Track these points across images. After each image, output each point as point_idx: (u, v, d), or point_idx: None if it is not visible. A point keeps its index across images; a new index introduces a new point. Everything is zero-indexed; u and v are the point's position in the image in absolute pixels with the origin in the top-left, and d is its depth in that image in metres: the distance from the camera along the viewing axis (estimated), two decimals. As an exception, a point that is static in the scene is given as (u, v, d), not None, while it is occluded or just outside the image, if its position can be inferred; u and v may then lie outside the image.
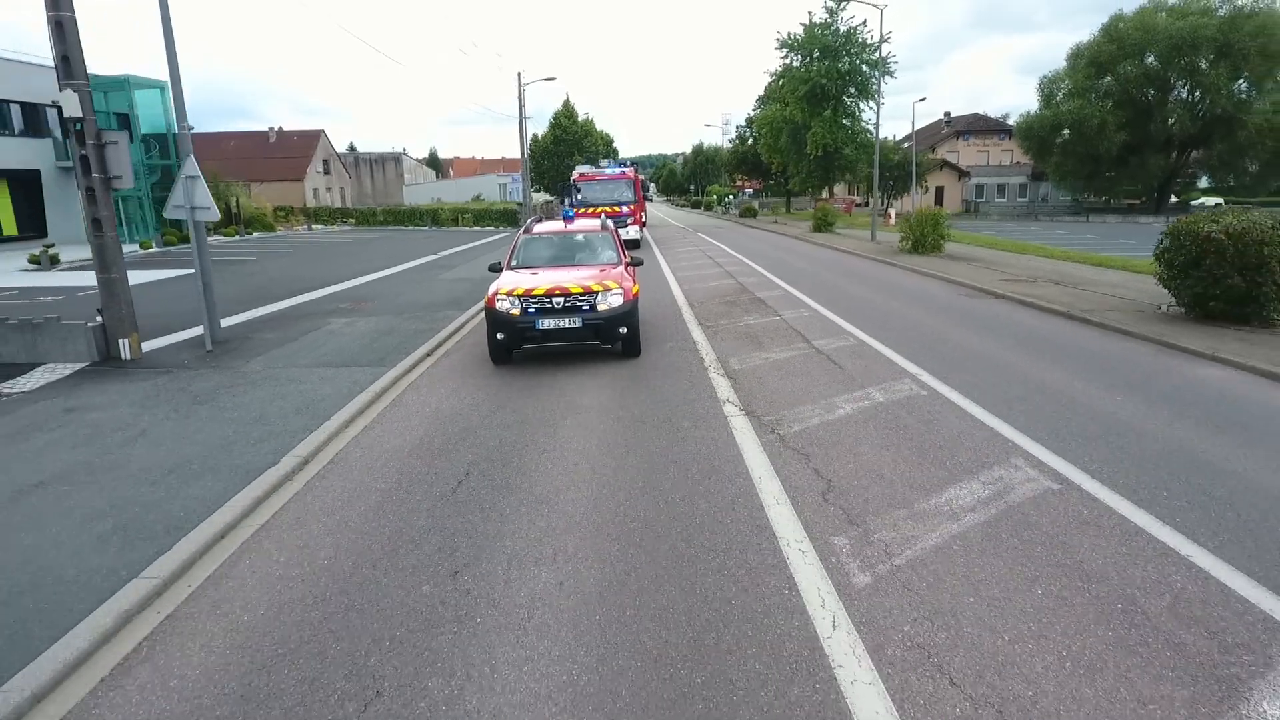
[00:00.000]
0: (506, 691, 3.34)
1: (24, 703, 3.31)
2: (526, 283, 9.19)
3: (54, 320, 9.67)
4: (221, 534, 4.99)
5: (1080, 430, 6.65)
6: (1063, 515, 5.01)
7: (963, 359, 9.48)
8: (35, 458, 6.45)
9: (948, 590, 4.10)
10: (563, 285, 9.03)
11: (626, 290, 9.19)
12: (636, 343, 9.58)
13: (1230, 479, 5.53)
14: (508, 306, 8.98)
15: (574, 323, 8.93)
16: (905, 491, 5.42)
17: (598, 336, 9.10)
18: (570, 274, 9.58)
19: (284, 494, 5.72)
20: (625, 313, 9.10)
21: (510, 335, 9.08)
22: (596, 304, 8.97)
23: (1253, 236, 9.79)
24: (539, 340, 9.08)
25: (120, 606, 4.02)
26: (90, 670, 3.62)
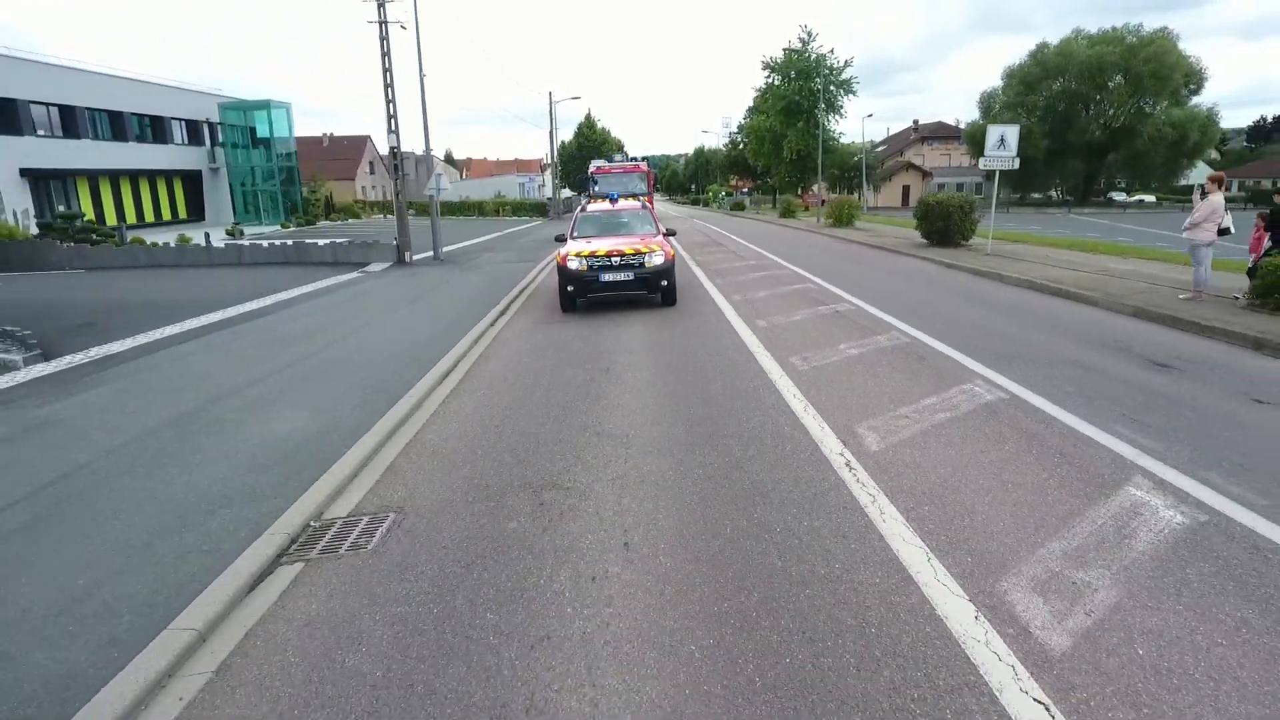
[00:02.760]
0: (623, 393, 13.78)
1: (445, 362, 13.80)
2: (590, 247, 11.67)
3: (379, 243, 20.27)
4: (503, 311, 15.46)
5: (896, 299, 17.05)
6: (880, 336, 15.42)
7: (826, 267, 19.91)
8: (407, 287, 16.96)
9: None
10: (619, 249, 11.51)
11: (666, 252, 11.73)
12: (674, 293, 12.05)
13: (953, 317, 15.96)
14: (576, 265, 11.51)
15: (628, 276, 11.44)
16: (783, 310, 15.85)
17: (645, 287, 11.63)
18: (622, 240, 12.05)
19: (520, 299, 16.19)
20: (666, 269, 11.61)
21: (579, 286, 11.66)
22: (645, 262, 11.43)
23: (945, 203, 20.27)
24: (600, 290, 11.66)
25: (482, 328, 14.52)
26: (462, 364, 14.09)
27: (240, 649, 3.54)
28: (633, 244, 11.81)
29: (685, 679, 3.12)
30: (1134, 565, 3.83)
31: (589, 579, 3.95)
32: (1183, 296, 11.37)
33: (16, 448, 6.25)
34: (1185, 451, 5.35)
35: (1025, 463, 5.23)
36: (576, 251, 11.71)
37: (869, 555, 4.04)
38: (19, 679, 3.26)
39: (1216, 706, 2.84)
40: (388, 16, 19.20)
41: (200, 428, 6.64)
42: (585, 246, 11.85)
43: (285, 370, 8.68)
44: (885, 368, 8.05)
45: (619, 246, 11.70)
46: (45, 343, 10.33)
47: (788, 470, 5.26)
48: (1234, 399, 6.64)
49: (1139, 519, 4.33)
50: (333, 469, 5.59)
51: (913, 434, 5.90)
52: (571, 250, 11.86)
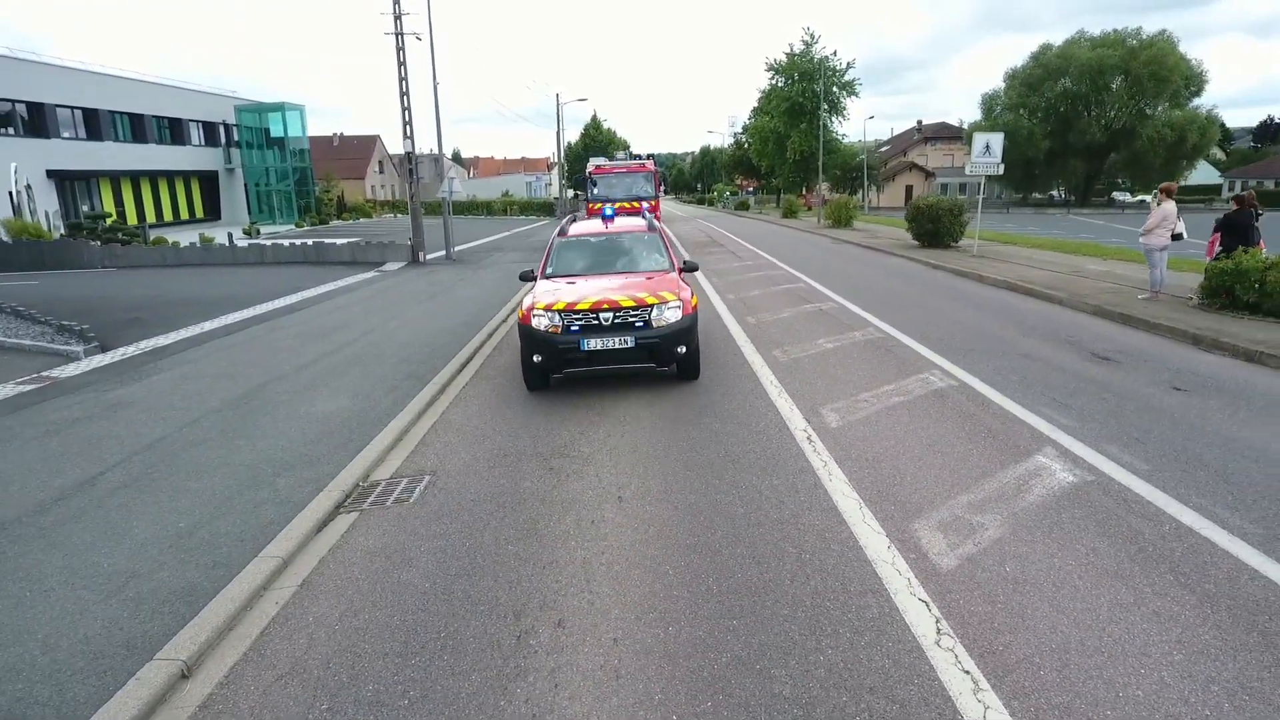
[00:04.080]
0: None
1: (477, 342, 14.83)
2: (567, 295, 7.71)
3: (394, 243, 21.33)
4: (514, 308, 16.49)
5: (879, 297, 18.01)
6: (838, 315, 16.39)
7: (819, 267, 20.86)
8: (423, 285, 18.00)
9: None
10: (610, 298, 7.55)
11: (685, 302, 7.73)
12: (696, 363, 8.14)
13: (936, 312, 16.90)
14: (546, 323, 7.49)
15: (625, 342, 7.42)
16: (772, 308, 16.82)
17: (652, 358, 7.61)
18: (617, 283, 8.14)
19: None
20: (684, 329, 7.60)
21: (550, 356, 7.56)
22: (651, 319, 7.50)
23: (934, 206, 21.18)
24: (583, 363, 7.55)
25: (495, 323, 15.56)
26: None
27: (317, 570, 4.55)
28: (633, 289, 7.84)
29: (660, 588, 4.12)
30: (1022, 512, 4.81)
31: (589, 522, 4.95)
32: (1141, 297, 12.29)
33: (102, 424, 7.29)
34: (1095, 428, 6.32)
35: (957, 437, 6.21)
36: (547, 303, 7.59)
37: (814, 504, 5.03)
38: (155, 589, 4.28)
39: (1054, 604, 3.81)
40: (404, 29, 20.22)
41: (256, 407, 7.68)
42: (561, 293, 7.81)
43: (322, 360, 9.72)
44: (856, 359, 9.03)
45: (612, 294, 7.65)
46: (99, 336, 11.38)
47: (757, 442, 6.25)
48: (1156, 386, 7.60)
49: (1037, 479, 5.31)
50: (374, 441, 6.62)
51: (868, 414, 6.89)
52: (540, 299, 7.73)
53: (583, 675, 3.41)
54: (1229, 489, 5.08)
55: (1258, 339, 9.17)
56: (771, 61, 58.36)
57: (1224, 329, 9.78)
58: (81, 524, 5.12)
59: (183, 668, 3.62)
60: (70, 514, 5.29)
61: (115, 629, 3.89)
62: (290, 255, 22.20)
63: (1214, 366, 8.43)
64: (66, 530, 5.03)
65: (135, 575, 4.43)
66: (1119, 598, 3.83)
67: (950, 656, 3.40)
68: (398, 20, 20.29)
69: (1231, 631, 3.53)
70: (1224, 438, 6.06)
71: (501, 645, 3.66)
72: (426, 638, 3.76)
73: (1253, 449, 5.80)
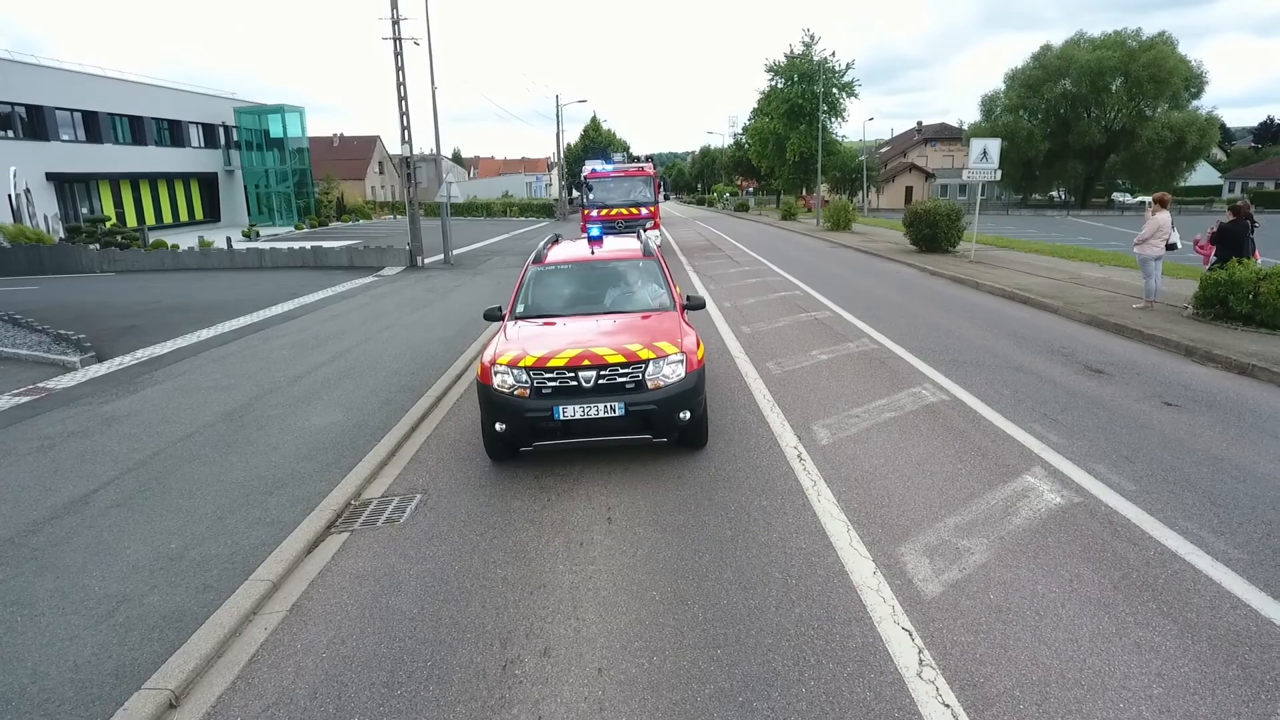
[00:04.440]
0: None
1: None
2: (539, 345, 6.09)
3: (392, 248, 21.35)
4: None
5: (874, 306, 18.02)
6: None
7: (815, 273, 20.86)
8: (420, 291, 18.03)
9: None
10: (594, 351, 5.89)
11: (689, 353, 6.08)
12: (703, 430, 6.53)
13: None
14: (511, 383, 5.87)
15: (612, 409, 5.77)
16: (767, 317, 16.84)
17: (647, 428, 5.92)
18: (603, 327, 6.48)
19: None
20: (687, 390, 5.93)
21: (516, 426, 5.90)
22: (645, 378, 5.85)
23: (932, 211, 21.19)
24: (559, 435, 5.88)
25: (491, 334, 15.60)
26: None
27: (306, 594, 4.58)
28: (624, 336, 6.23)
29: (647, 614, 4.14)
30: (1008, 535, 4.83)
31: (578, 544, 4.98)
32: (1136, 306, 12.31)
33: (96, 439, 7.32)
34: (1085, 446, 6.34)
35: (946, 455, 6.23)
36: (513, 356, 5.99)
37: (802, 527, 5.06)
38: (145, 613, 4.30)
39: (1037, 634, 3.84)
40: (402, 34, 20.23)
41: (250, 422, 7.70)
42: (531, 342, 6.21)
43: (316, 371, 9.74)
44: (849, 372, 9.05)
45: (597, 345, 6.03)
46: (95, 345, 11.40)
47: (748, 460, 6.28)
48: (1147, 401, 7.62)
49: (1025, 500, 5.33)
50: (366, 458, 6.64)
51: (859, 430, 6.91)
52: (505, 351, 6.12)
53: (566, 707, 3.43)
54: (1215, 511, 5.10)
55: (1250, 351, 9.19)
56: (771, 63, 58.49)
57: (1217, 340, 9.80)
58: (73, 545, 5.15)
59: (170, 697, 3.64)
60: (62, 534, 5.31)
61: (105, 656, 3.92)
62: (288, 260, 22.22)
63: (1206, 379, 8.45)
64: (58, 551, 5.06)
65: (126, 599, 4.46)
66: (1101, 627, 3.85)
67: (931, 689, 3.43)
68: (395, 25, 20.31)
69: (1211, 664, 3.55)
70: (1212, 457, 6.08)
71: (487, 675, 3.69)
72: (414, 666, 3.79)
73: (1240, 469, 5.82)
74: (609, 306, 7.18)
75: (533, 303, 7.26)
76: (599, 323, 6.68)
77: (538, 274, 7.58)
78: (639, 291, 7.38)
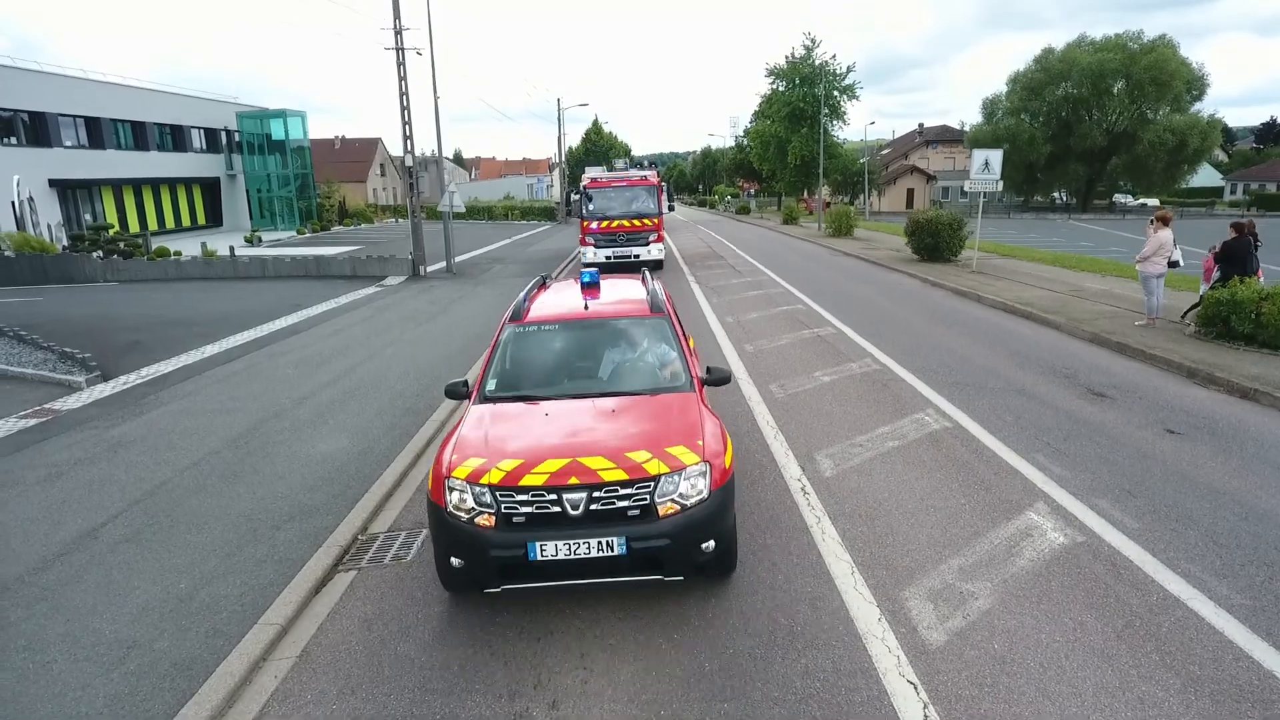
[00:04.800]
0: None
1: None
2: (511, 445, 4.59)
3: (395, 257, 21.39)
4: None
5: (876, 322, 18.05)
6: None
7: (818, 285, 20.87)
8: (423, 303, 18.07)
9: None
10: (584, 464, 4.31)
11: (714, 460, 4.49)
12: (731, 555, 4.85)
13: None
14: (471, 505, 4.34)
15: (609, 547, 4.24)
16: (770, 334, 16.87)
17: (658, 567, 4.38)
18: (598, 419, 4.85)
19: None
20: (713, 513, 4.41)
21: (477, 563, 4.35)
22: (655, 502, 4.33)
23: (934, 221, 21.22)
24: (534, 578, 4.35)
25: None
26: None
27: (315, 639, 4.61)
28: (623, 435, 4.71)
29: (653, 664, 4.18)
30: (1012, 579, 4.86)
31: (584, 589, 5.00)
32: (1138, 323, 12.32)
33: (103, 466, 7.35)
34: (1087, 479, 6.37)
35: (950, 489, 6.26)
36: (475, 467, 4.47)
37: (806, 568, 5.09)
38: (155, 660, 4.34)
39: (1040, 687, 3.87)
40: (404, 44, 20.26)
41: (255, 448, 7.74)
42: (499, 444, 4.69)
43: (321, 392, 9.78)
44: (852, 395, 9.08)
45: (588, 450, 4.50)
46: (101, 363, 11.44)
47: (753, 494, 6.31)
48: (1149, 428, 7.65)
49: (1028, 540, 5.36)
50: (372, 489, 6.68)
51: (863, 461, 6.94)
52: (465, 455, 4.59)
53: (575, 766, 3.47)
54: (1217, 552, 5.13)
55: (1252, 374, 9.22)
56: (772, 66, 58.55)
57: (1219, 362, 9.83)
58: (83, 584, 5.19)
59: (182, 753, 3.68)
60: (72, 572, 5.35)
61: (117, 707, 3.95)
62: (291, 269, 22.27)
63: (1207, 404, 8.48)
64: (68, 591, 5.10)
65: (136, 645, 4.49)
66: (1104, 681, 3.88)
67: (936, 748, 3.46)
68: (398, 35, 20.34)
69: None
70: (1214, 490, 6.11)
71: (496, 729, 3.72)
72: (424, 718, 3.82)
73: (1241, 504, 5.85)
74: (606, 384, 5.47)
75: (507, 377, 5.59)
76: (594, 409, 5.00)
77: (515, 336, 5.86)
78: (645, 361, 5.70)
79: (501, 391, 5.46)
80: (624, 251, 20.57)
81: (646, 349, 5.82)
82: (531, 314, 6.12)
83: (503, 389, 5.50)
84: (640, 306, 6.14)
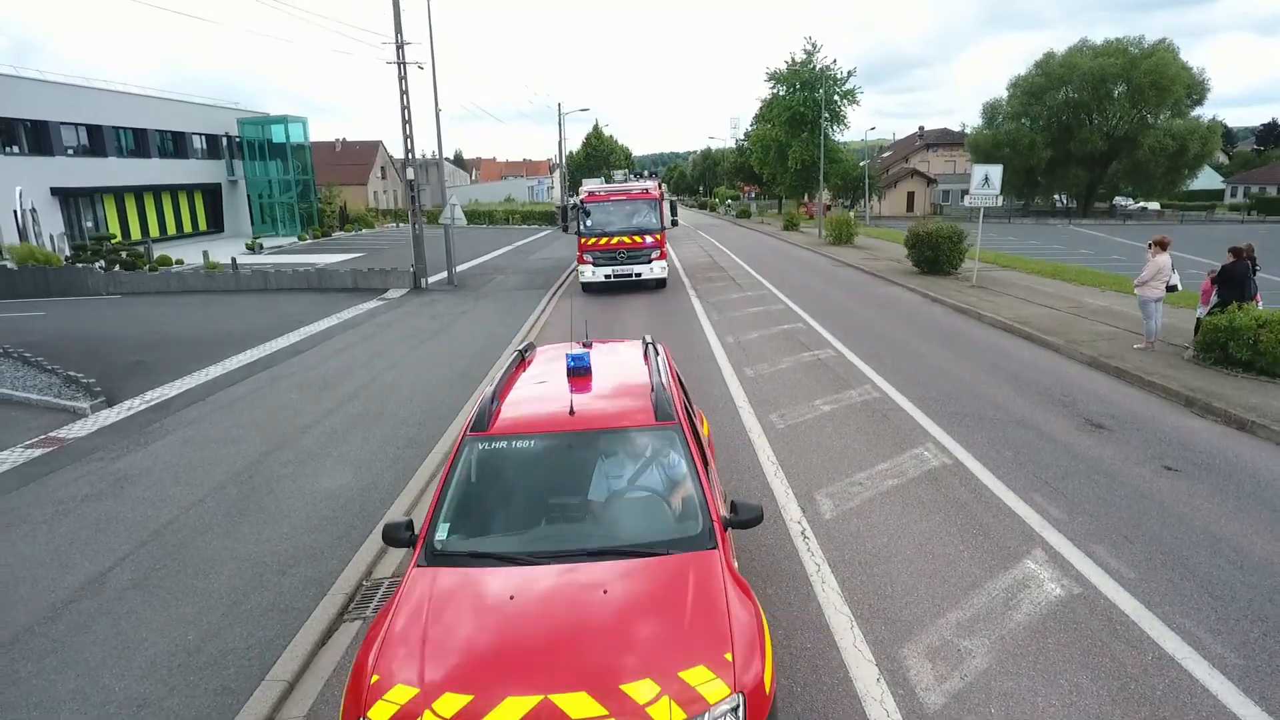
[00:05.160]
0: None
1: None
2: (457, 664, 3.26)
3: (396, 270, 21.46)
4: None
5: (876, 343, 18.11)
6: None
7: (818, 301, 20.92)
8: (425, 319, 18.13)
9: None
10: (560, 703, 2.98)
11: (750, 687, 3.13)
12: None
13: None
14: None
15: None
16: (770, 356, 16.95)
17: None
18: (581, 603, 3.55)
19: (531, 336, 17.33)
20: None
21: None
22: None
23: (934, 234, 21.30)
24: None
25: (496, 364, 15.67)
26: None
27: (322, 696, 4.68)
28: (609, 654, 3.25)
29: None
30: (1009, 635, 4.92)
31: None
32: (1137, 346, 12.37)
33: (109, 503, 7.42)
34: (1085, 522, 6.43)
35: (949, 534, 6.32)
36: (399, 708, 3.03)
37: (806, 622, 5.15)
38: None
39: (1036, 754, 3.94)
40: (406, 58, 20.33)
41: (260, 484, 7.80)
42: (441, 656, 3.27)
43: (324, 420, 9.85)
44: (852, 427, 9.14)
45: (566, 676, 3.10)
46: (105, 386, 11.50)
47: (753, 536, 6.36)
48: (1147, 464, 7.71)
49: (1025, 592, 5.42)
50: (375, 530, 6.74)
51: (862, 502, 7.00)
52: (394, 682, 3.15)
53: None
54: (1213, 605, 5.19)
55: (1250, 404, 9.28)
56: (772, 71, 58.63)
57: (1217, 390, 9.89)
58: (92, 635, 5.26)
59: (193, 823, 3.74)
60: (81, 622, 5.42)
61: (127, 773, 4.01)
62: (293, 282, 22.34)
63: (1205, 436, 8.54)
64: (78, 643, 5.16)
65: (146, 703, 4.56)
66: (1099, 750, 3.94)
67: (933, 824, 3.52)
68: (399, 50, 20.40)
69: (1206, 795, 3.64)
70: (1211, 535, 6.17)
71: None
72: (428, 788, 3.88)
73: (1238, 551, 5.91)
74: (596, 531, 4.13)
75: (463, 520, 4.19)
76: (576, 586, 3.64)
77: (478, 456, 4.38)
78: (649, 496, 4.34)
79: (454, 545, 4.01)
80: (624, 270, 19.78)
81: (650, 475, 4.40)
82: (501, 419, 4.53)
83: (457, 540, 4.05)
84: (642, 407, 4.57)
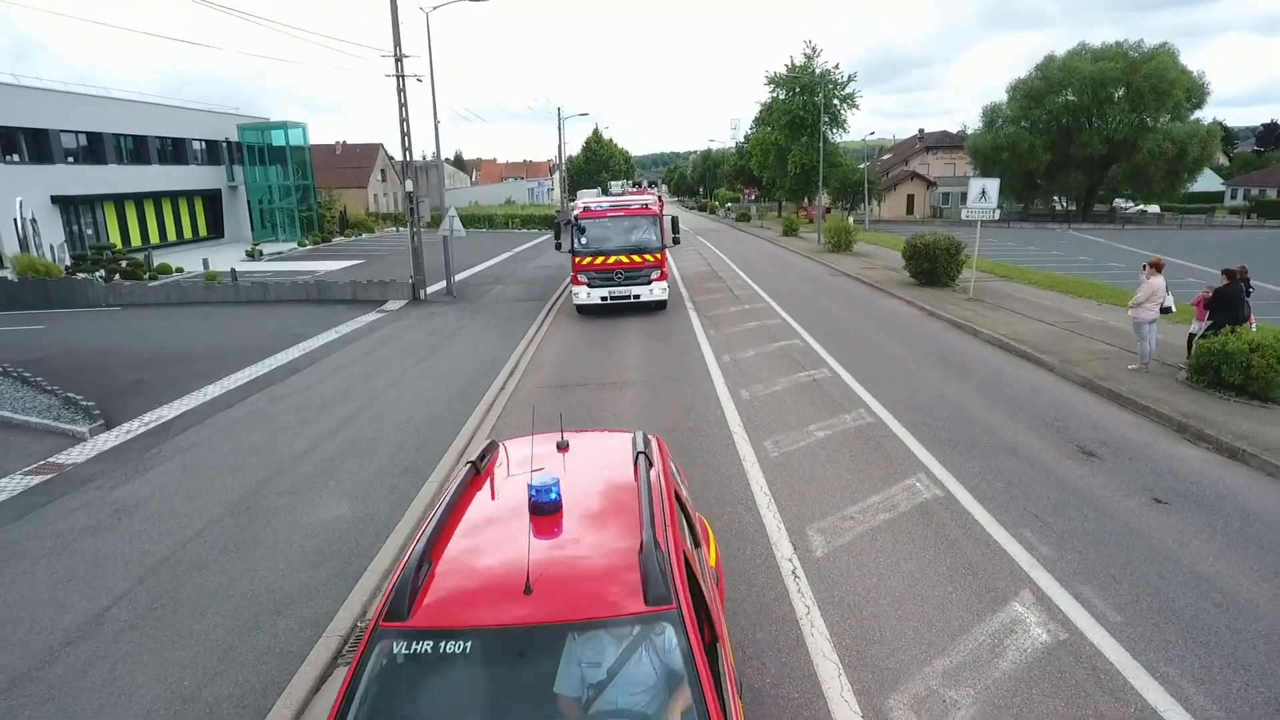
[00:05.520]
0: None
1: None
2: None
3: (395, 281, 21.54)
4: (511, 370, 16.65)
5: (871, 363, 18.16)
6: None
7: (815, 315, 20.96)
8: (424, 333, 18.19)
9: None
10: None
11: None
12: None
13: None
14: None
15: None
16: (766, 376, 17.00)
17: None
18: None
19: (528, 354, 17.36)
20: None
21: None
22: None
23: (932, 246, 21.36)
24: None
25: (493, 394, 15.73)
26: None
27: (315, 746, 4.74)
28: None
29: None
30: (994, 684, 4.98)
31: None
32: (1131, 367, 12.43)
33: (107, 537, 7.48)
34: (1074, 560, 6.49)
35: (938, 573, 6.38)
36: None
37: (794, 670, 5.21)
38: (159, 774, 4.48)
39: (1018, 813, 4.00)
40: (405, 71, 20.39)
41: (257, 515, 7.87)
42: None
43: (322, 444, 9.91)
44: (845, 455, 9.19)
45: None
46: (103, 407, 11.56)
47: (745, 576, 6.43)
48: (1137, 496, 7.77)
49: (1011, 637, 5.48)
50: (371, 566, 6.81)
51: (853, 538, 7.06)
52: None
53: None
54: (1197, 652, 5.25)
55: (1241, 431, 9.33)
56: (772, 75, 58.67)
57: (1209, 416, 9.95)
58: (89, 680, 5.32)
59: None
60: (78, 666, 5.48)
61: (122, 830, 4.08)
62: (292, 293, 22.41)
63: (1196, 466, 8.60)
64: (74, 690, 5.23)
65: (141, 754, 4.63)
66: (1079, 810, 4.00)
67: None
68: (399, 63, 20.45)
69: None
70: (1197, 576, 6.23)
71: None
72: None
73: (1224, 593, 5.97)
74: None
75: None
76: None
77: (392, 669, 2.88)
78: None
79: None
80: (622, 292, 18.60)
81: (632, 689, 2.83)
82: (429, 600, 2.98)
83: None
84: (627, 582, 2.98)
